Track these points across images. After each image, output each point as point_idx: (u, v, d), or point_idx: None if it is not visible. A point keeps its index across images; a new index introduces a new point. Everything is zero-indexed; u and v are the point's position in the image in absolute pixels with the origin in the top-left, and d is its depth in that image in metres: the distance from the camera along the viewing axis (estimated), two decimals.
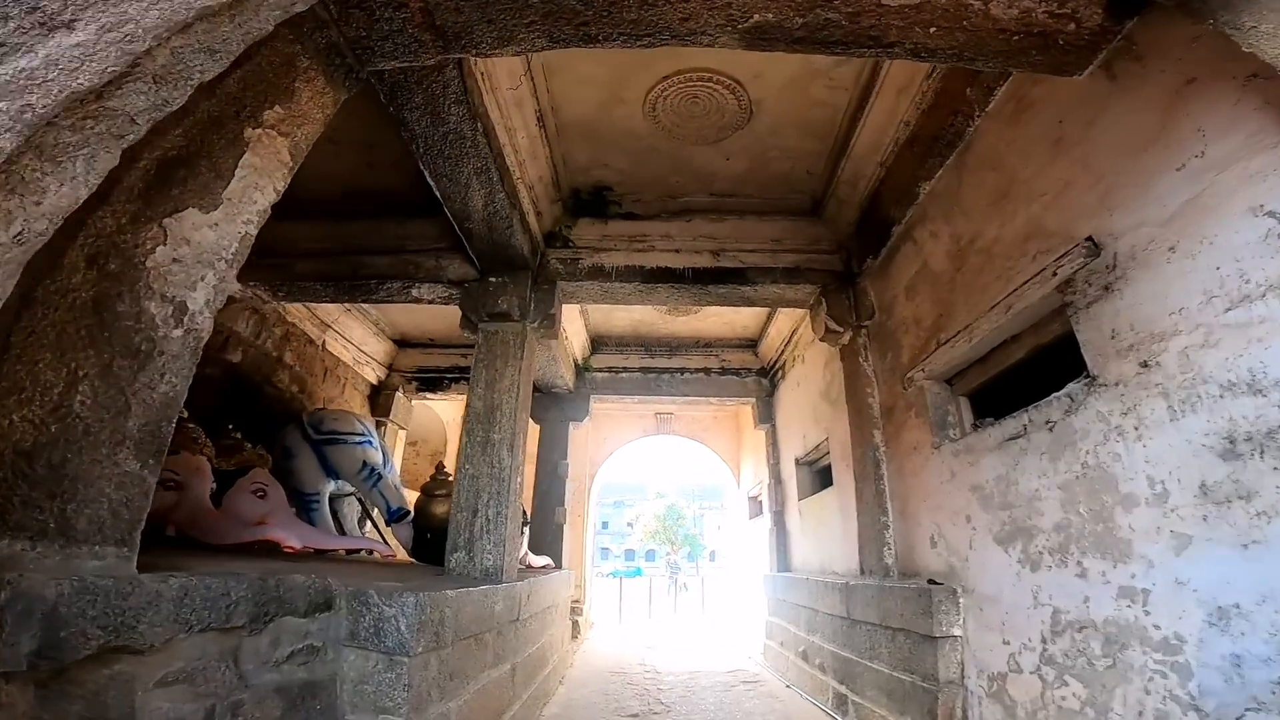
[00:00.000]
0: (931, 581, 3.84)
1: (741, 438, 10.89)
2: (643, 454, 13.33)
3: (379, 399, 8.57)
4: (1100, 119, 2.64)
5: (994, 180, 3.43)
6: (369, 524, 6.84)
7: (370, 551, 5.00)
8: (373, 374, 8.51)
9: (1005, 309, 3.20)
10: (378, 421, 8.34)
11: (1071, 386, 2.76)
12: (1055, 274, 2.81)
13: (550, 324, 5.34)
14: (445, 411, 10.57)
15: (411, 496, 6.08)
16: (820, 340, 5.53)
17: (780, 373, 7.89)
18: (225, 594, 2.00)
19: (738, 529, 11.07)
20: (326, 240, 5.59)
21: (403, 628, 2.61)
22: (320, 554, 4.63)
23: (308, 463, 5.63)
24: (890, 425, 4.69)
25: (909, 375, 4.33)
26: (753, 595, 9.16)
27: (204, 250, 1.85)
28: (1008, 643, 3.16)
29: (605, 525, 54.63)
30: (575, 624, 9.42)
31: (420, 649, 2.66)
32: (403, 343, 8.63)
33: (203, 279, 1.84)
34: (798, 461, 7.16)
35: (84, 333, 1.55)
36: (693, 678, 6.62)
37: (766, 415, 8.23)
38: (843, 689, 4.88)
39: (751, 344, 8.51)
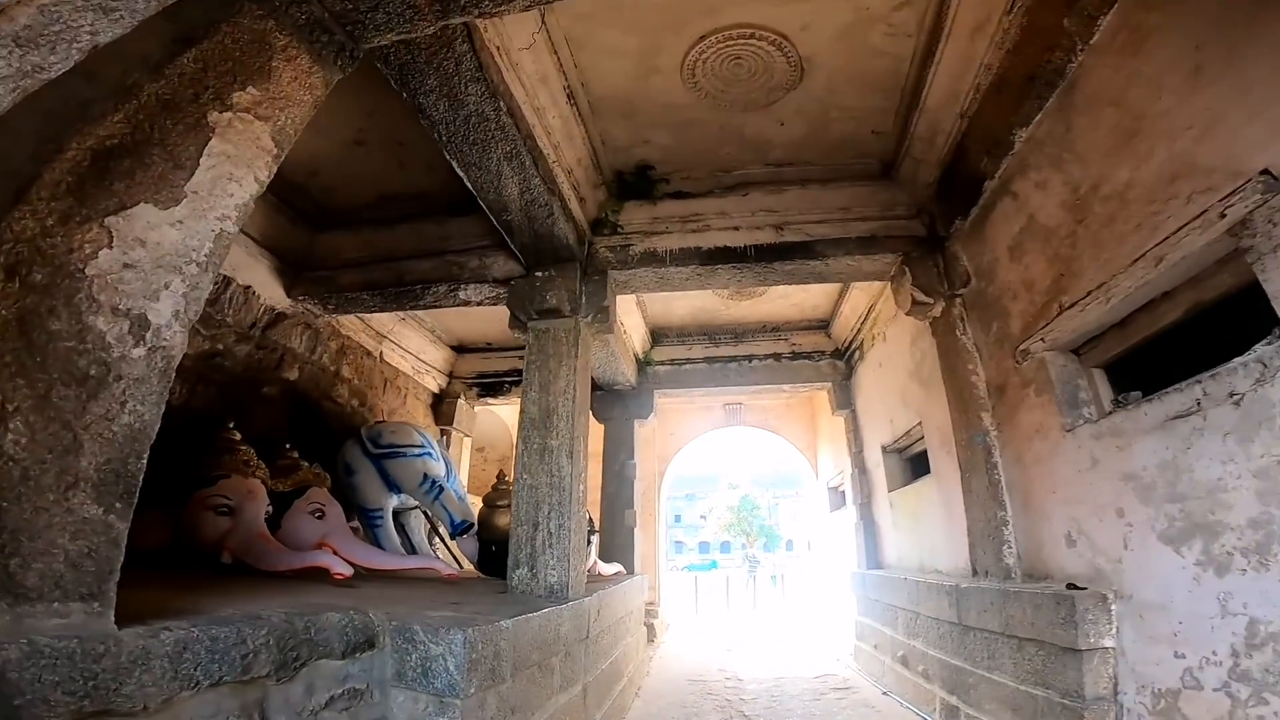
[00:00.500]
0: (1072, 586, 3.24)
1: (817, 425, 10.27)
2: (713, 447, 12.85)
3: (441, 407, 8.43)
4: (1252, 41, 2.18)
5: (1115, 118, 2.90)
6: (438, 539, 6.65)
7: (434, 569, 4.75)
8: (434, 382, 8.38)
9: (1153, 262, 2.63)
10: (441, 430, 8.21)
11: (1262, 350, 2.18)
12: (1224, 215, 2.28)
13: (605, 317, 4.96)
14: (509, 416, 10.38)
15: (478, 505, 5.85)
16: (906, 314, 4.94)
17: (858, 354, 7.27)
18: (240, 642, 1.78)
19: (818, 521, 10.44)
20: (367, 248, 5.50)
21: (451, 668, 2.34)
22: (384, 574, 4.41)
23: (369, 478, 5.45)
24: (1002, 406, 4.08)
25: (1023, 347, 3.73)
26: (838, 592, 8.56)
27: (165, 253, 1.53)
28: (1182, 656, 2.62)
29: (678, 519, 54.41)
30: (650, 628, 9.09)
31: (474, 689, 2.38)
32: (460, 349, 8.45)
33: (167, 287, 1.53)
34: (885, 449, 6.54)
35: (8, 359, 1.24)
36: (777, 684, 6.14)
37: (845, 400, 7.61)
38: (954, 700, 4.32)
39: (823, 325, 7.90)
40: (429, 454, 5.65)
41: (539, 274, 4.82)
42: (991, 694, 3.81)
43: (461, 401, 8.35)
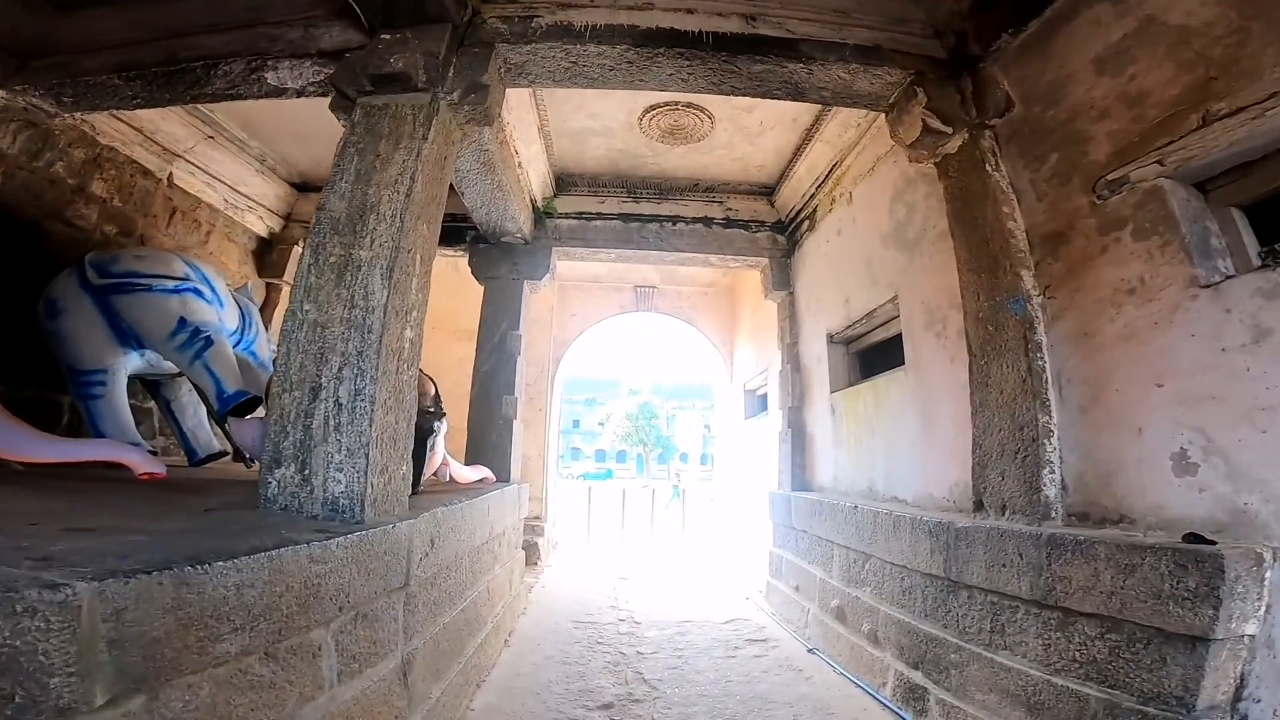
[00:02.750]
0: (1194, 537, 1.97)
1: (737, 318, 8.94)
2: (619, 336, 11.35)
3: (270, 256, 6.40)
4: None
5: None
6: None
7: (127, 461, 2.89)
8: (260, 223, 6.38)
9: None
10: (268, 283, 6.20)
11: None
12: None
13: (480, 101, 3.34)
14: None
15: None
16: (907, 147, 3.52)
17: (806, 225, 5.82)
18: None
19: (729, 431, 9.29)
20: (138, 29, 3.80)
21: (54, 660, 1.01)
22: (40, 468, 2.60)
23: (85, 322, 3.53)
24: (1060, 262, 2.75)
25: (1115, 175, 2.49)
26: (750, 514, 7.49)
27: None
28: None
29: (576, 424, 53.93)
30: (533, 548, 7.76)
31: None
32: (305, 186, 6.46)
33: None
34: (831, 338, 5.23)
35: None
36: (681, 632, 4.95)
37: (782, 280, 6.22)
38: (918, 678, 3.19)
39: (766, 191, 6.38)
40: (193, 291, 3.77)
41: (386, 35, 3.17)
42: (990, 680, 2.64)
43: (298, 250, 6.32)
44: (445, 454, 3.77)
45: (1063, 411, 2.63)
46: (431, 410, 3.38)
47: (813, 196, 5.64)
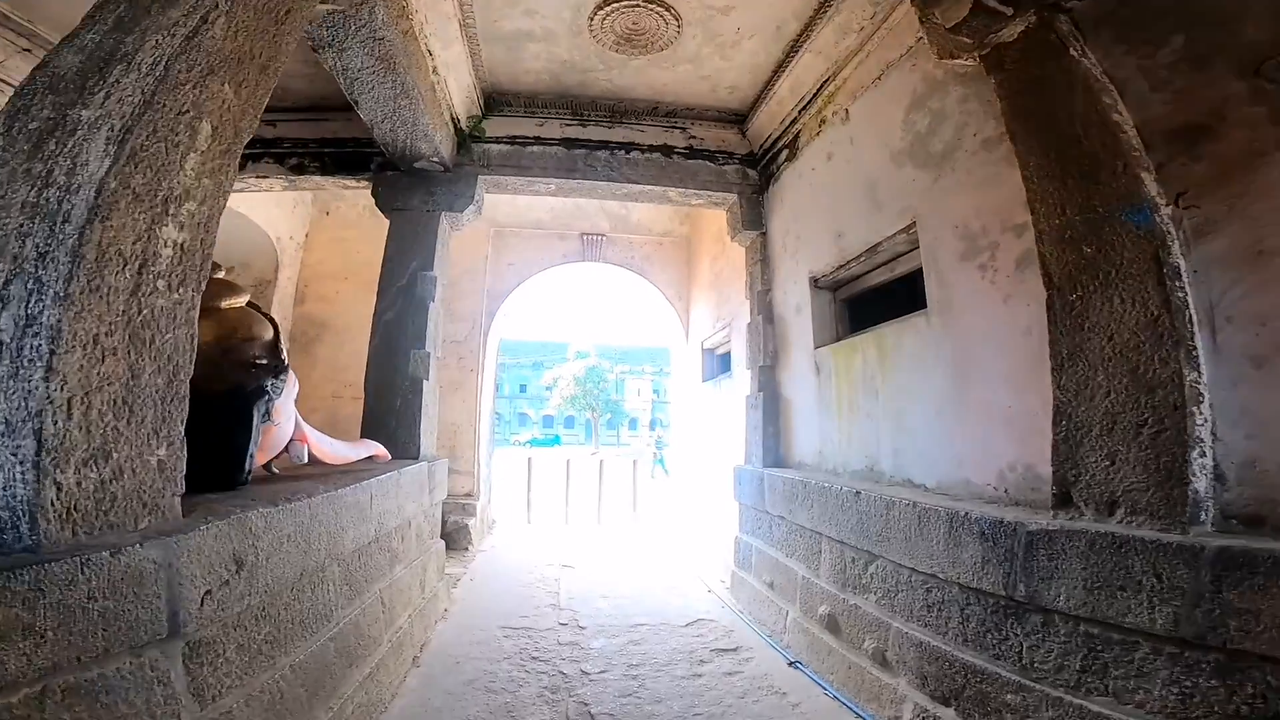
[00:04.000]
0: None
1: (695, 271, 7.97)
2: (564, 292, 10.25)
3: None
4: None
5: None
6: None
7: None
8: None
9: None
10: None
11: None
12: None
13: None
14: (275, 220, 7.01)
15: None
16: (953, 30, 2.59)
17: (786, 155, 4.85)
18: None
19: (686, 396, 8.37)
20: None
21: None
22: None
23: None
24: (1203, 162, 1.91)
25: None
26: (710, 492, 6.63)
27: None
28: None
29: (524, 389, 52.55)
30: (464, 530, 6.76)
31: None
32: None
33: None
34: (816, 282, 4.31)
35: None
36: (636, 640, 4.06)
37: (754, 219, 5.26)
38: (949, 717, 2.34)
39: (738, 119, 5.37)
40: None
41: None
42: None
43: None
44: (304, 426, 2.69)
45: (1218, 365, 1.76)
46: (262, 362, 2.29)
47: (794, 121, 4.67)
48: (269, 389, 2.29)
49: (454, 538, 6.71)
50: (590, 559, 6.54)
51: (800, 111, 4.57)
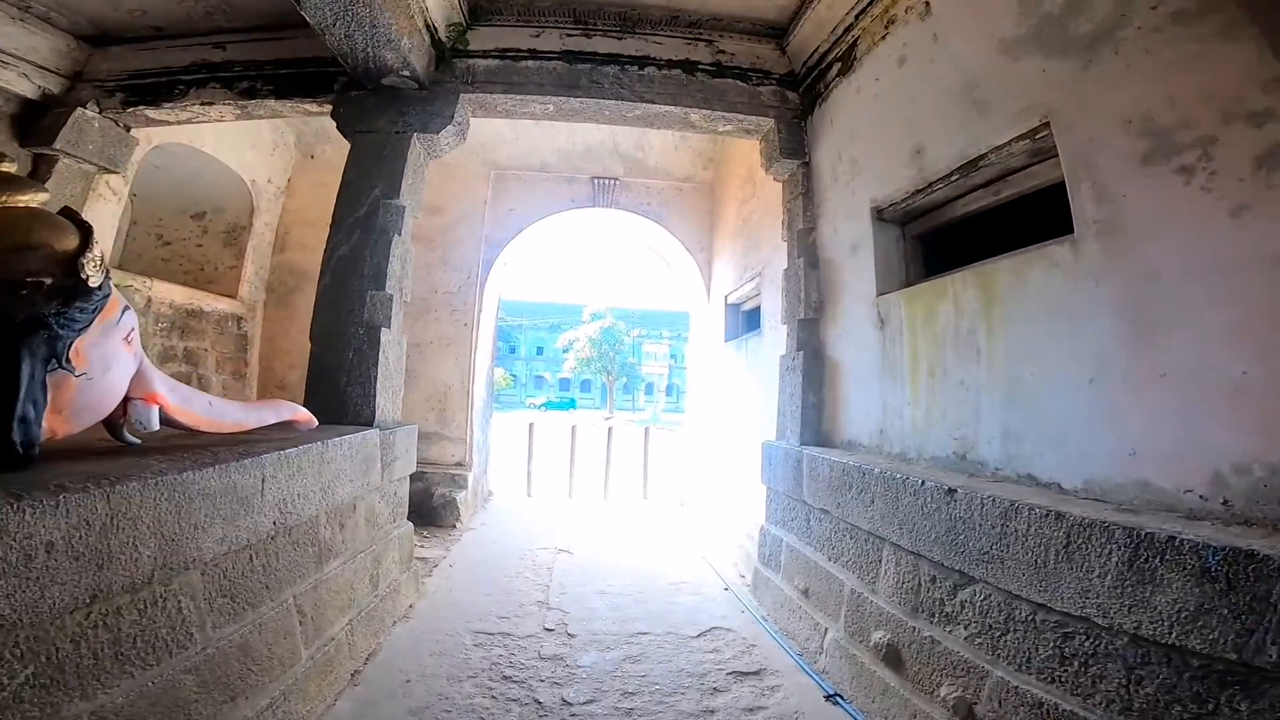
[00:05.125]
0: None
1: (719, 218, 7.01)
2: (573, 243, 9.31)
3: (43, 120, 4.22)
4: None
5: None
6: None
7: None
8: (27, 84, 4.24)
9: None
10: (38, 155, 4.17)
11: None
12: None
13: None
14: (251, 164, 6.24)
15: None
16: None
17: (838, 69, 3.90)
18: None
19: (706, 357, 7.44)
20: None
21: None
22: None
23: None
24: None
25: None
26: (731, 469, 5.78)
27: None
28: None
29: (540, 351, 51.90)
30: (451, 505, 6.03)
31: None
32: (100, 39, 4.45)
33: None
34: (880, 214, 3.36)
35: None
36: (634, 656, 3.27)
37: (794, 147, 4.29)
38: None
39: (776, 32, 4.39)
40: None
41: None
42: None
43: (87, 114, 4.32)
44: (155, 379, 1.83)
45: None
46: (44, 281, 1.43)
47: (850, 28, 3.69)
48: (54, 320, 1.45)
49: (439, 513, 5.98)
50: (591, 542, 5.75)
51: (858, 15, 3.57)
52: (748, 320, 6.12)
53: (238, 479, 1.93)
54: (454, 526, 5.92)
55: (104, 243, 4.83)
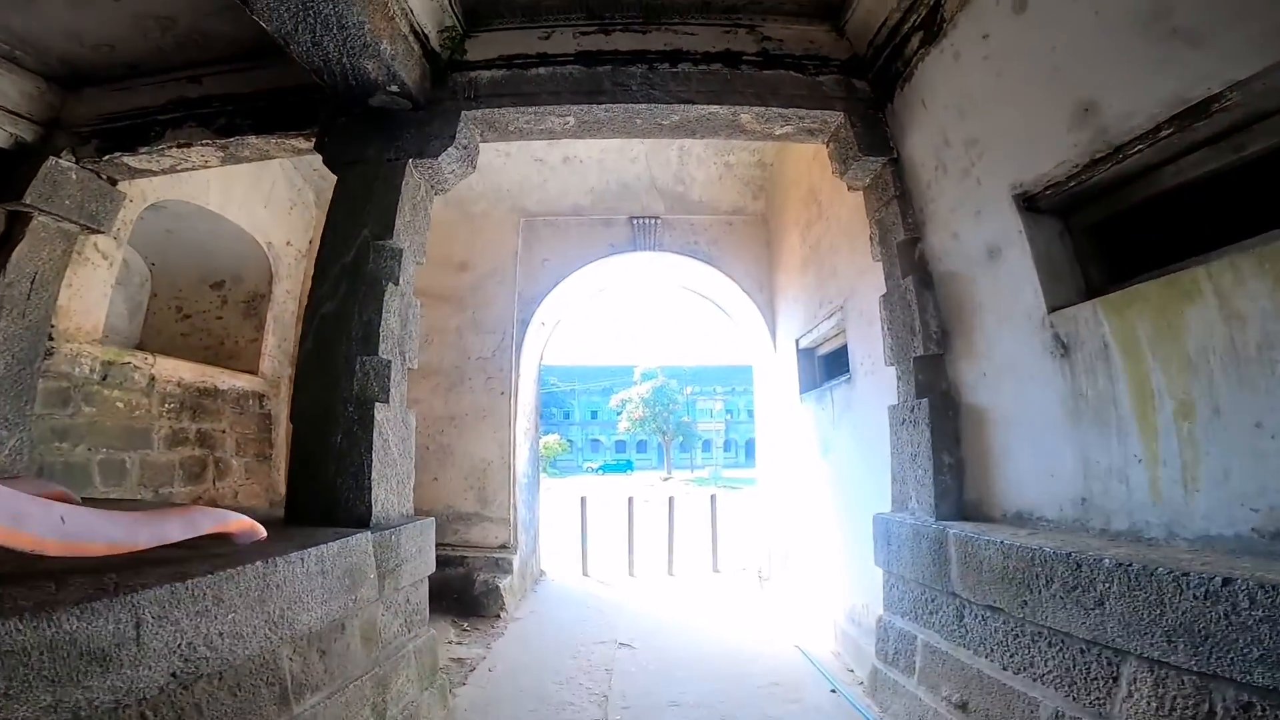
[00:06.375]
0: None
1: (779, 251, 6.19)
2: (617, 296, 8.56)
3: (19, 171, 3.76)
4: None
5: None
6: None
7: None
8: None
9: None
10: (12, 212, 3.68)
11: None
12: None
13: None
14: (266, 224, 5.85)
15: None
16: None
17: (922, 39, 3.15)
18: None
19: (777, 415, 6.46)
20: None
21: None
22: None
23: None
24: None
25: None
26: (820, 542, 4.76)
27: None
28: None
29: (594, 415, 51.20)
30: (494, 592, 5.23)
31: None
32: (73, 80, 4.02)
33: None
34: (1030, 203, 2.46)
35: None
36: None
37: (876, 142, 3.49)
38: None
39: (829, 8, 3.68)
40: None
41: None
42: None
43: (61, 164, 3.86)
44: None
45: None
46: None
47: None
48: None
49: (482, 602, 5.17)
50: (657, 631, 4.80)
51: None
52: (828, 366, 5.19)
53: (81, 626, 1.14)
54: (498, 616, 5.08)
55: (94, 315, 4.33)
